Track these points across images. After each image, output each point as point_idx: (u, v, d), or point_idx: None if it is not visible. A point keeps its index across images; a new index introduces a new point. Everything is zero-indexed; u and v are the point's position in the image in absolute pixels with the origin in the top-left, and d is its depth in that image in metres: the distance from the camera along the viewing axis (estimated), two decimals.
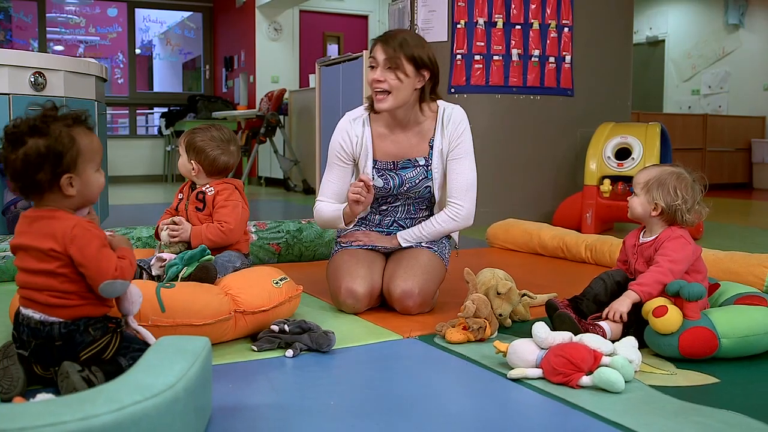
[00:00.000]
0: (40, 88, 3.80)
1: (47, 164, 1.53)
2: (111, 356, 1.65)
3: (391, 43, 2.41)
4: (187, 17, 11.73)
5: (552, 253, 3.80)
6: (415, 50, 2.42)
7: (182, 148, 2.55)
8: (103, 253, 1.57)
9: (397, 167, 2.58)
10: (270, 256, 3.49)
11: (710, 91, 10.23)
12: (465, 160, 2.57)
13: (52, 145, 1.54)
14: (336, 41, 10.16)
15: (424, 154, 2.58)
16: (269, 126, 8.30)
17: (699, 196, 2.16)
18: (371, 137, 2.59)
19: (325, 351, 2.02)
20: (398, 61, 2.40)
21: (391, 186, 2.58)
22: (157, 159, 10.57)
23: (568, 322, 2.02)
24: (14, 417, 1.04)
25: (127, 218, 5.18)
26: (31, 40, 10.58)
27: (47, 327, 1.59)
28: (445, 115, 2.58)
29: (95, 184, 1.63)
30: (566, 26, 5.18)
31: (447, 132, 2.56)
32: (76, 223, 1.56)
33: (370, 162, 2.59)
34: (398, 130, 2.58)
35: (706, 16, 10.30)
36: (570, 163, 5.27)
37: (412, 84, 2.45)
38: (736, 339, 1.93)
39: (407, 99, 2.47)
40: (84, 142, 1.59)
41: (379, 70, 2.42)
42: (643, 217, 2.18)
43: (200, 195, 2.52)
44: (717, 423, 1.53)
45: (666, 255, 2.08)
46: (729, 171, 9.28)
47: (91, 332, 1.61)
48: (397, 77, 2.41)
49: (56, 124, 1.56)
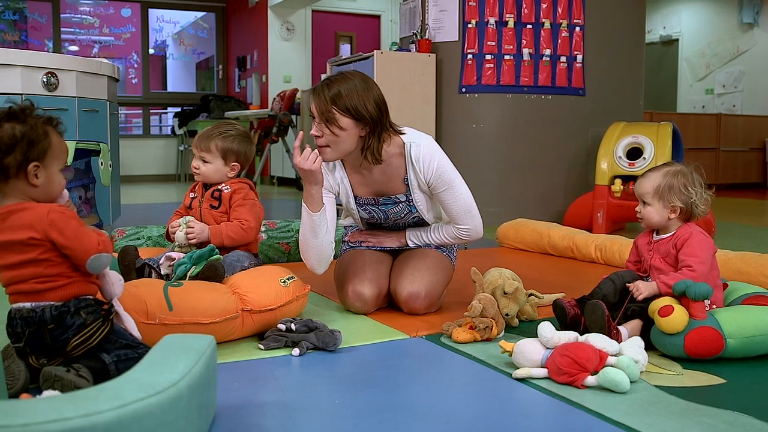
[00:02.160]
0: (53, 88, 3.83)
1: (19, 148, 1.58)
2: (96, 346, 1.66)
3: (322, 96, 2.28)
4: (200, 17, 11.78)
5: (562, 253, 3.79)
6: (349, 101, 2.27)
7: (212, 155, 2.53)
8: (83, 230, 1.62)
9: (379, 203, 2.53)
10: (280, 255, 3.51)
11: (724, 91, 10.18)
12: (452, 189, 2.46)
13: (27, 132, 1.59)
14: (348, 41, 10.17)
15: (402, 191, 2.49)
16: (281, 125, 8.32)
17: (702, 185, 2.17)
18: (347, 177, 2.52)
19: (331, 350, 2.03)
20: (330, 115, 2.27)
21: (376, 218, 2.59)
22: (170, 158, 10.63)
23: (599, 314, 1.99)
24: (18, 413, 1.05)
25: (138, 217, 5.21)
26: (46, 41, 10.65)
27: (39, 312, 1.62)
28: (413, 155, 2.42)
29: (57, 183, 1.67)
30: (578, 25, 5.17)
31: (419, 172, 2.43)
32: (49, 209, 1.60)
33: (352, 199, 2.55)
34: (366, 171, 2.48)
35: (720, 14, 10.24)
36: (581, 163, 5.26)
37: (353, 134, 2.32)
38: (743, 339, 1.92)
39: (350, 148, 2.35)
40: (55, 139, 1.65)
41: (314, 124, 2.32)
42: (661, 223, 2.18)
43: (216, 193, 2.53)
44: (722, 424, 1.52)
45: (694, 255, 2.08)
46: (743, 171, 9.21)
47: (82, 315, 1.64)
48: (332, 132, 2.29)
49: (34, 117, 1.62)
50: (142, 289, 1.99)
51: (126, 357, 1.68)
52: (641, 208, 2.21)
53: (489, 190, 4.95)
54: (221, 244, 2.43)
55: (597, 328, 1.96)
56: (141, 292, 1.96)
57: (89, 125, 4.07)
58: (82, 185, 3.91)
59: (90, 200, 3.97)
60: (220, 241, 2.43)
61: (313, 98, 2.31)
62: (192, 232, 2.42)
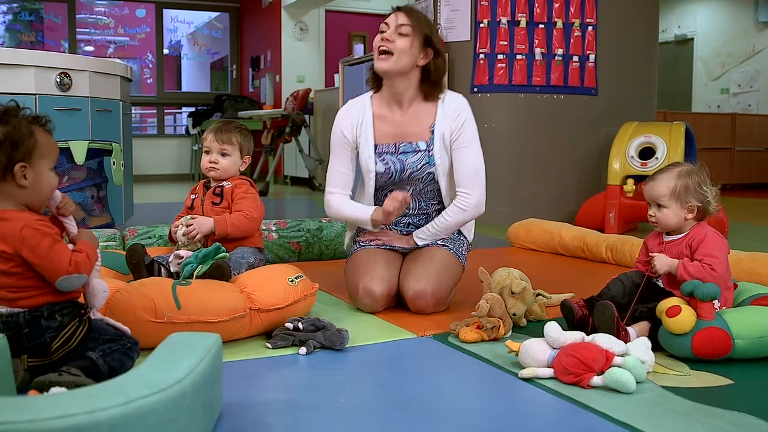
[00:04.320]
0: (66, 88, 3.86)
1: (2, 150, 1.57)
2: (79, 345, 1.67)
3: (412, 14, 2.49)
4: (214, 17, 11.83)
5: (573, 253, 3.78)
6: (427, 29, 2.51)
7: (233, 147, 2.57)
8: (55, 249, 1.60)
9: (398, 151, 2.59)
10: (290, 255, 3.52)
11: (740, 90, 10.10)
12: (469, 148, 2.56)
13: (10, 132, 1.58)
14: (362, 41, 10.17)
15: (424, 138, 2.58)
16: (294, 125, 8.34)
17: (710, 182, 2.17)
18: (371, 119, 2.61)
19: (338, 349, 2.04)
20: (411, 29, 2.46)
21: (392, 171, 2.59)
22: (185, 158, 10.68)
23: (609, 316, 1.98)
24: (22, 409, 1.06)
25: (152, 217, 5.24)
26: (62, 41, 10.73)
27: (14, 317, 1.63)
28: (447, 101, 2.59)
29: (47, 182, 1.67)
30: (590, 25, 5.15)
31: (448, 116, 2.56)
32: (24, 224, 1.58)
33: (370, 146, 2.59)
34: (397, 110, 2.60)
35: (736, 14, 10.17)
36: (593, 163, 5.24)
37: (415, 56, 2.50)
38: (751, 340, 1.91)
39: (406, 68, 2.50)
40: (41, 138, 1.64)
41: (389, 31, 2.48)
42: (678, 225, 2.17)
43: (217, 189, 2.56)
44: (727, 425, 1.51)
45: (713, 256, 2.07)
46: (758, 171, 9.12)
47: (57, 318, 1.65)
48: (404, 42, 2.47)
49: (17, 117, 1.61)
50: (150, 287, 2.00)
51: (111, 350, 1.68)
52: (656, 212, 2.18)
53: (501, 189, 4.94)
54: (226, 233, 2.43)
55: (606, 329, 1.95)
56: (149, 290, 1.98)
57: (102, 125, 4.10)
58: (95, 185, 3.94)
59: (102, 200, 4.00)
60: (225, 230, 2.43)
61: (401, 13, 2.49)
62: (191, 224, 2.43)
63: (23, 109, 1.65)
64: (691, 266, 2.04)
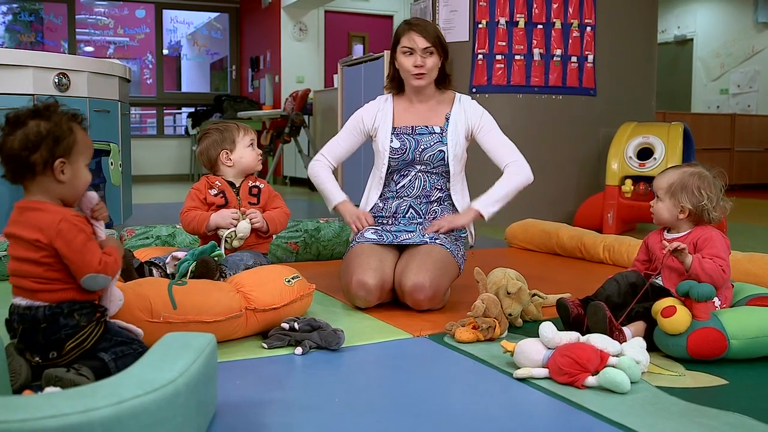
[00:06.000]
0: (64, 88, 3.87)
1: (44, 145, 1.60)
2: (92, 347, 1.68)
3: (430, 32, 2.73)
4: (213, 18, 11.83)
5: (570, 254, 3.78)
6: (441, 38, 2.76)
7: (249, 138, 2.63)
8: (88, 246, 1.63)
9: (415, 132, 2.79)
10: (288, 255, 3.52)
11: (739, 91, 10.10)
12: (496, 131, 2.83)
13: (53, 128, 1.61)
14: (361, 41, 10.17)
15: (440, 123, 2.80)
16: (294, 126, 8.34)
17: (721, 192, 2.15)
18: (392, 109, 2.85)
19: (334, 349, 2.04)
20: (434, 49, 2.72)
21: (407, 147, 2.76)
22: (184, 158, 10.68)
23: (601, 317, 1.98)
24: (16, 409, 1.07)
25: (148, 217, 5.24)
26: (62, 42, 10.74)
27: (33, 311, 1.64)
28: (462, 99, 2.88)
29: (83, 178, 1.69)
30: (589, 25, 5.15)
31: (464, 109, 2.83)
32: (62, 217, 1.61)
33: (389, 127, 2.80)
34: (418, 103, 2.84)
35: (735, 14, 10.17)
36: (592, 163, 5.24)
37: (438, 64, 2.78)
38: (746, 340, 1.91)
39: (435, 76, 2.80)
40: (80, 135, 1.67)
41: (418, 57, 2.72)
42: (671, 221, 2.17)
43: (254, 189, 2.61)
44: (721, 425, 1.52)
45: (720, 257, 2.06)
46: (758, 171, 9.12)
47: (75, 317, 1.66)
48: (432, 61, 2.74)
49: (58, 113, 1.65)
50: (146, 287, 2.00)
51: (123, 354, 1.70)
52: (654, 203, 2.21)
53: None
54: (276, 231, 2.61)
55: (599, 329, 1.95)
56: (145, 290, 1.98)
57: (100, 125, 4.10)
58: (93, 185, 3.93)
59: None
60: (275, 227, 2.59)
61: (420, 35, 2.70)
62: (256, 217, 2.52)
63: (62, 105, 1.68)
64: (707, 263, 2.04)
